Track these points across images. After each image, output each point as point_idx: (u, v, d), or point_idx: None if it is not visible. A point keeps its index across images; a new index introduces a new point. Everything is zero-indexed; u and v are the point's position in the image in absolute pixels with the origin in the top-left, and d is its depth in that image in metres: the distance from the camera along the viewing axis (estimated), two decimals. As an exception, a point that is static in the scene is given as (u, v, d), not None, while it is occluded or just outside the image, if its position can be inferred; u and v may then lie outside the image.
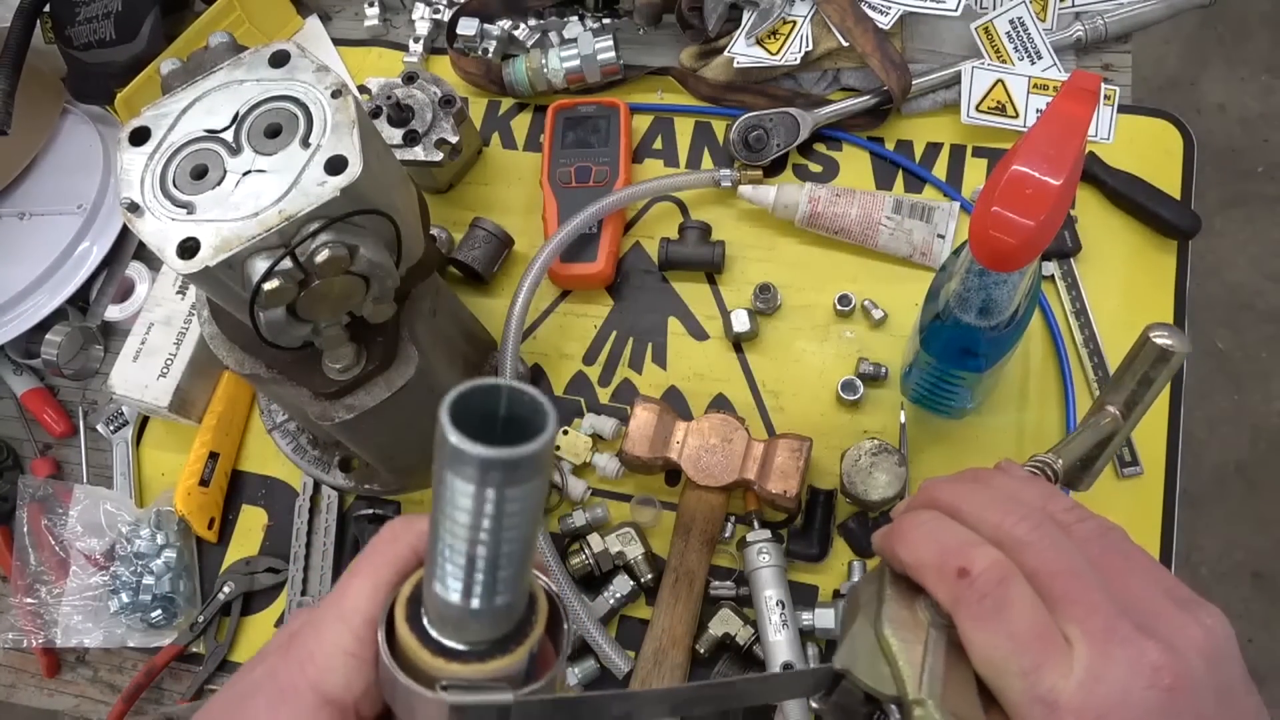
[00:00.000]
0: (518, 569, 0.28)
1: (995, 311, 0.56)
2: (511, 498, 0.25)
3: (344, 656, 0.30)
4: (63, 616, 0.79)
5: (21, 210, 0.91)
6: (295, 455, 0.78)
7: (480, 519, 0.25)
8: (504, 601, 0.28)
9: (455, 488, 0.25)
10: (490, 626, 0.29)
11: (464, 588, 0.27)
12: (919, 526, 0.34)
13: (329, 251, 0.48)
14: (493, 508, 0.25)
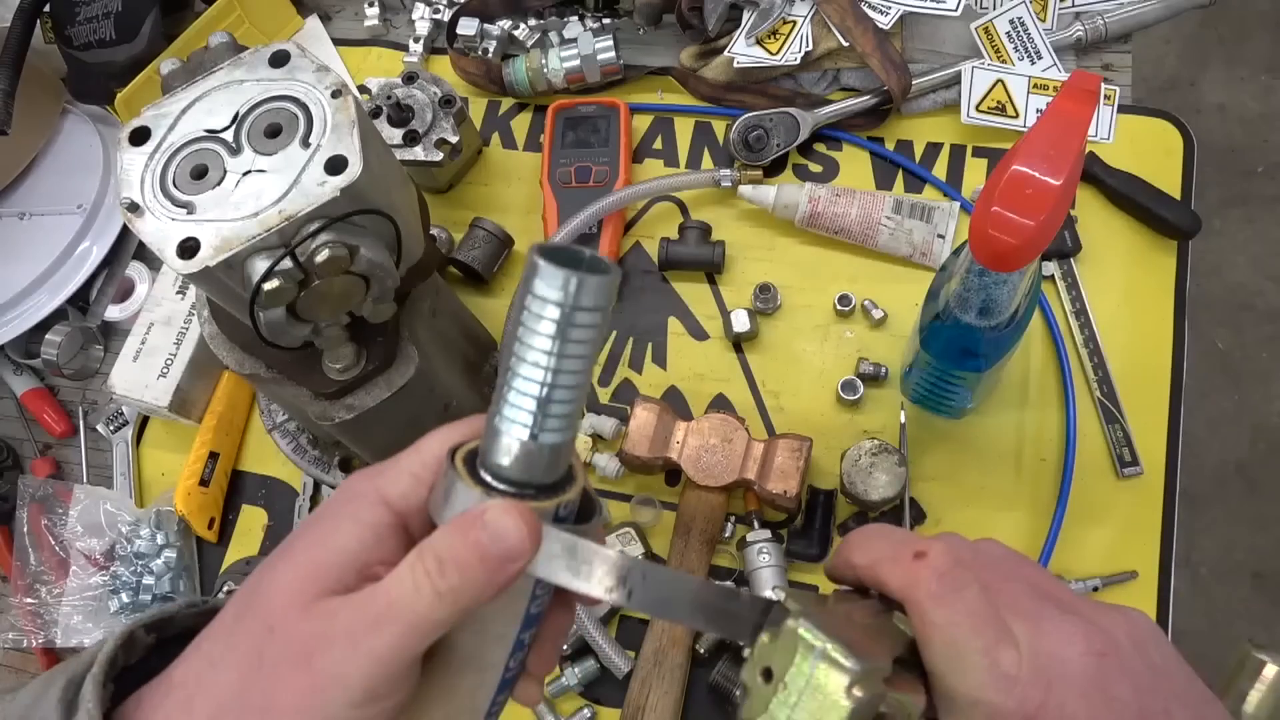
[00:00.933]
0: (573, 408, 0.31)
1: (995, 311, 0.56)
2: (581, 322, 0.29)
3: (409, 475, 0.34)
4: (63, 616, 0.79)
5: (21, 210, 0.91)
6: (295, 455, 0.78)
7: (554, 340, 0.30)
8: (556, 439, 0.31)
9: (536, 308, 0.29)
10: (540, 467, 0.32)
11: (529, 418, 0.30)
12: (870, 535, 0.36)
13: (329, 251, 0.48)
14: (566, 326, 0.29)
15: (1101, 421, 0.72)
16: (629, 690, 0.68)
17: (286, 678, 0.30)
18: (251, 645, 0.31)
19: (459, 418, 0.70)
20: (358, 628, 0.30)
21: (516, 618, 0.34)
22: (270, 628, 0.31)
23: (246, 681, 0.31)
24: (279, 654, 0.31)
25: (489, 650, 0.34)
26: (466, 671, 0.34)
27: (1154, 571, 0.68)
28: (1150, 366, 0.73)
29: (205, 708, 0.31)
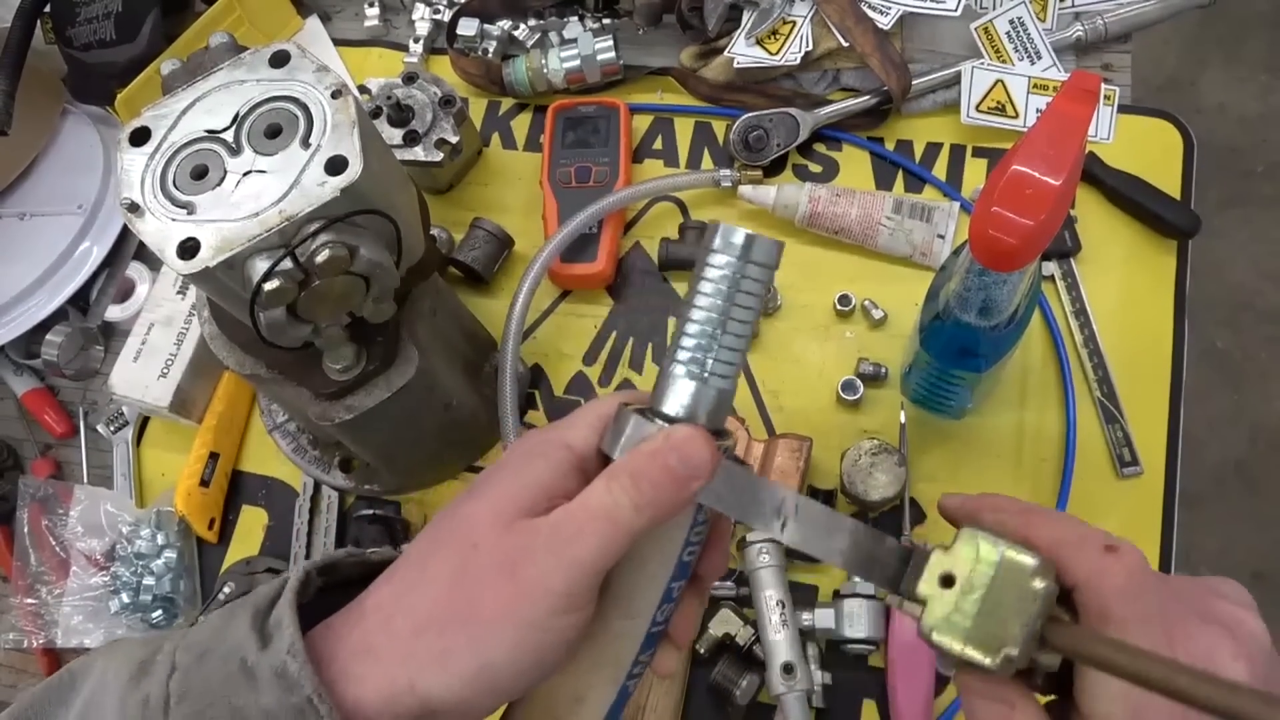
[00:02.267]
0: (738, 357, 0.36)
1: (995, 311, 0.56)
2: (751, 274, 0.35)
3: (585, 424, 0.37)
4: (63, 617, 0.79)
5: (21, 210, 0.91)
6: (295, 455, 0.78)
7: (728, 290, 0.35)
8: (723, 385, 0.36)
9: (715, 262, 0.35)
10: (707, 410, 0.35)
11: (700, 362, 0.35)
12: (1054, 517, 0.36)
13: (329, 251, 0.48)
14: (739, 278, 0.34)
15: (1101, 421, 0.72)
16: (629, 690, 0.68)
17: (492, 586, 0.33)
18: (454, 563, 0.34)
19: (459, 418, 0.70)
20: (560, 539, 0.33)
21: (671, 560, 0.37)
22: (474, 544, 0.34)
23: (451, 594, 0.33)
24: (483, 566, 0.33)
25: (642, 594, 0.37)
26: (618, 616, 0.36)
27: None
28: (1150, 366, 0.73)
29: (407, 624, 0.33)
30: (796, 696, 0.64)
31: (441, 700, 0.33)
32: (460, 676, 0.33)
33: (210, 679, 0.32)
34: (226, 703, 0.31)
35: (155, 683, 0.32)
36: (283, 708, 0.31)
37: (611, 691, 0.37)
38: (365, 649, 0.33)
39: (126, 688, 0.33)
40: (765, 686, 0.66)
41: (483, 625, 0.33)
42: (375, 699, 0.33)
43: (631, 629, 0.37)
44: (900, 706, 0.65)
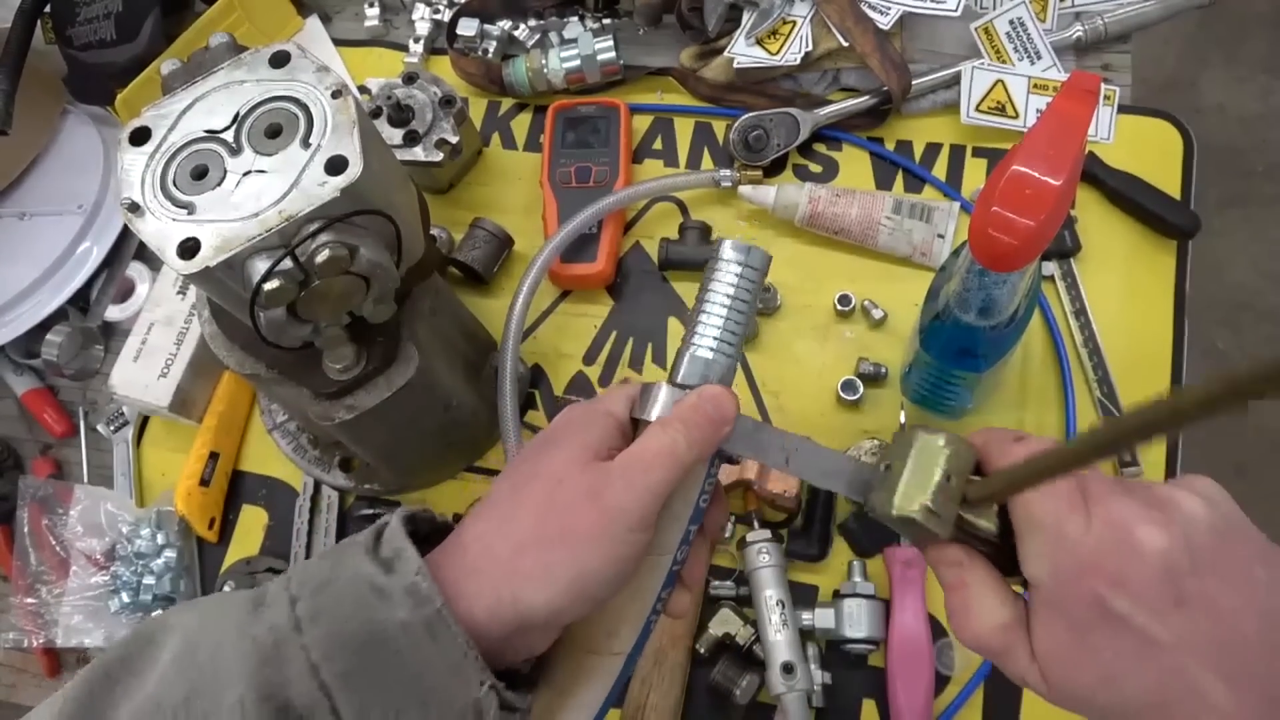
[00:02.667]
0: (740, 336, 0.45)
1: (995, 311, 0.56)
2: (747, 276, 0.45)
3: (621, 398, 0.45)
4: (63, 616, 0.79)
5: (22, 210, 0.91)
6: (295, 455, 0.78)
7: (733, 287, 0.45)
8: (727, 361, 0.44)
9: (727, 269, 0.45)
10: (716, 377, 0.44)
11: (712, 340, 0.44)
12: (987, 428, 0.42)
13: (329, 252, 0.48)
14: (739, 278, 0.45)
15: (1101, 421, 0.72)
16: (629, 690, 0.68)
17: (580, 511, 0.40)
18: (541, 496, 0.41)
19: (459, 418, 0.70)
20: (634, 471, 0.40)
21: (690, 504, 0.43)
22: (559, 480, 0.41)
23: (544, 520, 0.40)
24: (570, 496, 0.40)
25: (668, 533, 0.43)
26: (651, 554, 0.42)
27: (1154, 571, 0.68)
28: (1150, 366, 0.73)
29: (507, 546, 0.39)
30: (796, 696, 0.64)
31: (537, 610, 0.38)
32: (560, 585, 0.38)
33: (341, 601, 0.36)
34: (363, 619, 0.36)
35: (278, 612, 0.36)
36: (416, 619, 0.36)
37: (638, 624, 0.43)
38: (473, 570, 0.39)
39: (245, 619, 0.37)
40: (765, 686, 0.66)
41: (577, 541, 0.39)
42: (482, 612, 0.38)
43: (658, 565, 0.43)
44: (900, 706, 0.65)
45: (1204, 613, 0.34)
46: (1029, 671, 0.37)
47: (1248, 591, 0.35)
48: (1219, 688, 0.33)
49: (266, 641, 0.35)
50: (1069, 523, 0.36)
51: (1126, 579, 0.34)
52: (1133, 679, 0.34)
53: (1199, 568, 0.34)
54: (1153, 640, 0.34)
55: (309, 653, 0.35)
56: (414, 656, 0.36)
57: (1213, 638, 0.34)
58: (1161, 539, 0.34)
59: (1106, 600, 0.34)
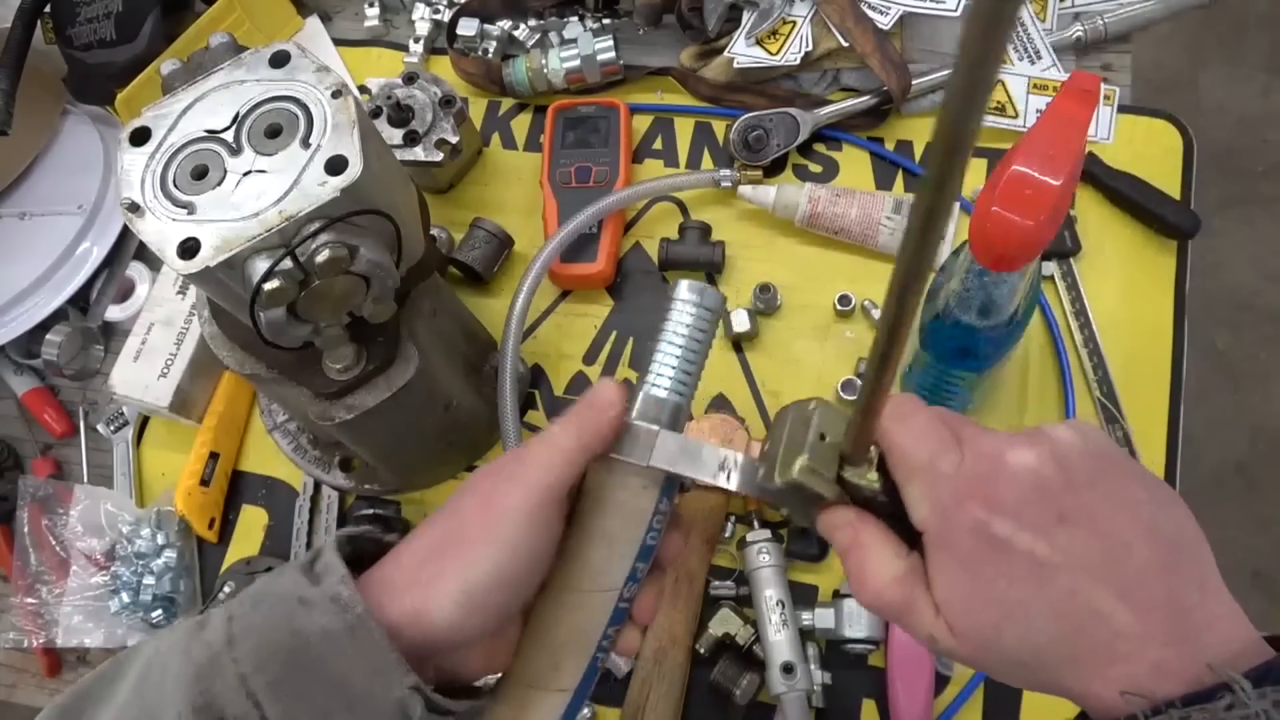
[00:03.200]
0: (694, 376, 0.44)
1: (995, 311, 0.56)
2: (702, 317, 0.44)
3: None
4: (63, 616, 0.79)
5: (22, 210, 0.91)
6: (295, 455, 0.78)
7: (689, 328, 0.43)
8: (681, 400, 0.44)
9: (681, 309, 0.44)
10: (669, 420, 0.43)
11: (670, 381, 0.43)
12: None
13: (329, 251, 0.48)
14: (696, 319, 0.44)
15: (1101, 421, 0.72)
16: (629, 690, 0.68)
17: (474, 516, 0.40)
18: (448, 508, 0.41)
19: (459, 418, 0.70)
20: (519, 469, 0.40)
21: (636, 540, 0.42)
22: (461, 490, 0.42)
23: (443, 531, 0.40)
24: (469, 504, 0.41)
25: (612, 569, 0.42)
26: (591, 589, 0.42)
27: (1154, 571, 0.68)
28: (1150, 366, 0.73)
29: (413, 559, 0.40)
30: (796, 696, 0.64)
31: (436, 625, 0.38)
32: (449, 595, 0.38)
33: (269, 615, 0.37)
34: (287, 629, 0.36)
35: (214, 631, 0.37)
36: (337, 624, 0.36)
37: (583, 661, 0.42)
38: (382, 583, 0.39)
39: (187, 642, 0.37)
40: (765, 686, 0.66)
41: (465, 548, 0.39)
42: (397, 618, 0.38)
43: (602, 601, 0.42)
44: (900, 707, 0.65)
45: (1089, 529, 0.34)
46: (935, 627, 0.36)
47: (1131, 509, 0.34)
48: (1120, 609, 0.33)
49: (202, 658, 0.36)
50: (942, 461, 0.36)
51: (1002, 500, 0.34)
52: (1032, 608, 0.34)
53: (1075, 485, 0.34)
54: (1042, 561, 0.34)
55: (239, 665, 0.36)
56: (338, 662, 0.36)
57: (1103, 556, 0.33)
58: (1031, 457, 0.35)
59: (988, 525, 0.34)
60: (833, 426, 0.39)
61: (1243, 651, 0.32)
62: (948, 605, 0.36)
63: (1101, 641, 0.33)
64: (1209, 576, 0.34)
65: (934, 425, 0.37)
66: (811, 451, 0.38)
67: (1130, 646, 0.33)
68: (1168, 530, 0.34)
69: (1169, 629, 0.33)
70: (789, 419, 0.40)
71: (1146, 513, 0.34)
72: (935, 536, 0.36)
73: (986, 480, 0.35)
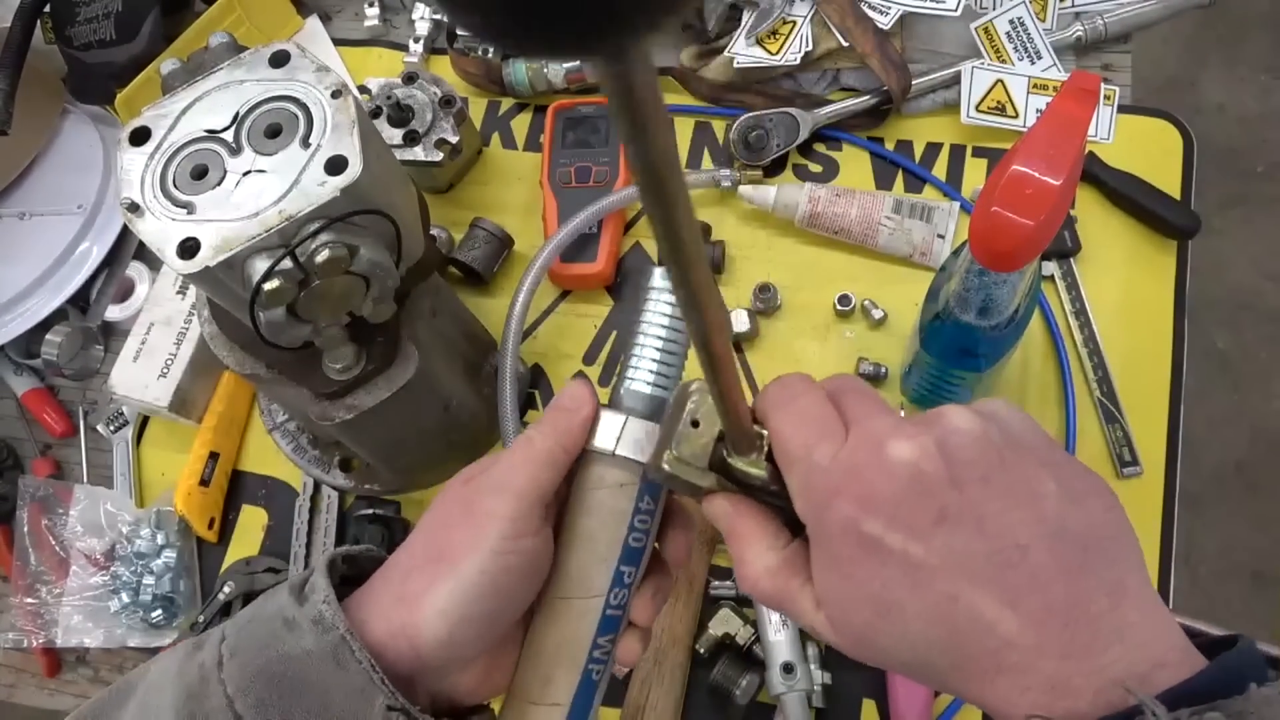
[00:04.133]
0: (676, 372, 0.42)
1: (995, 311, 0.56)
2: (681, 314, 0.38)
3: None
4: (63, 616, 0.79)
5: (21, 210, 0.91)
6: (295, 455, 0.78)
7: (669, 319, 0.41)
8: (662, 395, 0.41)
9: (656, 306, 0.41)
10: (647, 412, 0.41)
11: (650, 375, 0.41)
12: None
13: (329, 251, 0.48)
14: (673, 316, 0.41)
15: (1101, 421, 0.72)
16: (629, 690, 0.68)
17: (456, 527, 0.39)
18: (431, 517, 0.41)
19: (459, 418, 0.70)
20: (499, 476, 0.40)
21: (618, 541, 0.40)
22: (440, 503, 0.41)
23: (428, 539, 0.40)
24: (450, 515, 0.40)
25: (594, 574, 0.40)
26: (576, 596, 0.41)
27: (1154, 571, 0.68)
28: (1150, 366, 0.73)
29: (398, 573, 0.40)
30: (796, 696, 0.64)
31: (425, 640, 0.37)
32: (435, 607, 0.37)
33: (256, 636, 0.37)
34: (272, 650, 0.37)
35: (208, 652, 0.37)
36: (320, 645, 0.36)
37: (575, 673, 0.40)
38: (368, 600, 0.39)
39: (183, 663, 0.38)
40: (765, 686, 0.66)
41: (451, 559, 0.38)
42: (380, 640, 0.38)
43: (587, 608, 0.40)
44: (900, 706, 0.65)
45: (973, 528, 0.31)
46: (816, 619, 0.35)
47: (1031, 505, 0.31)
48: (1006, 616, 0.30)
49: (194, 679, 0.36)
50: (819, 450, 0.33)
51: (874, 497, 0.32)
52: (908, 611, 0.31)
53: (962, 480, 0.31)
54: (917, 563, 0.31)
55: (226, 686, 0.36)
56: (321, 683, 0.36)
57: (989, 558, 0.30)
58: (910, 450, 0.32)
59: (859, 524, 0.32)
60: (709, 412, 0.37)
61: (1163, 663, 0.29)
62: (825, 601, 0.34)
63: (986, 650, 0.30)
64: (1128, 578, 0.31)
65: (816, 409, 0.35)
66: (679, 442, 0.37)
67: (1019, 657, 0.30)
68: (1076, 528, 0.31)
69: (1067, 639, 0.29)
70: (671, 404, 0.38)
71: (1052, 508, 0.31)
72: (812, 531, 0.34)
73: (861, 474, 0.32)
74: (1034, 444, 0.33)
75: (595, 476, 0.41)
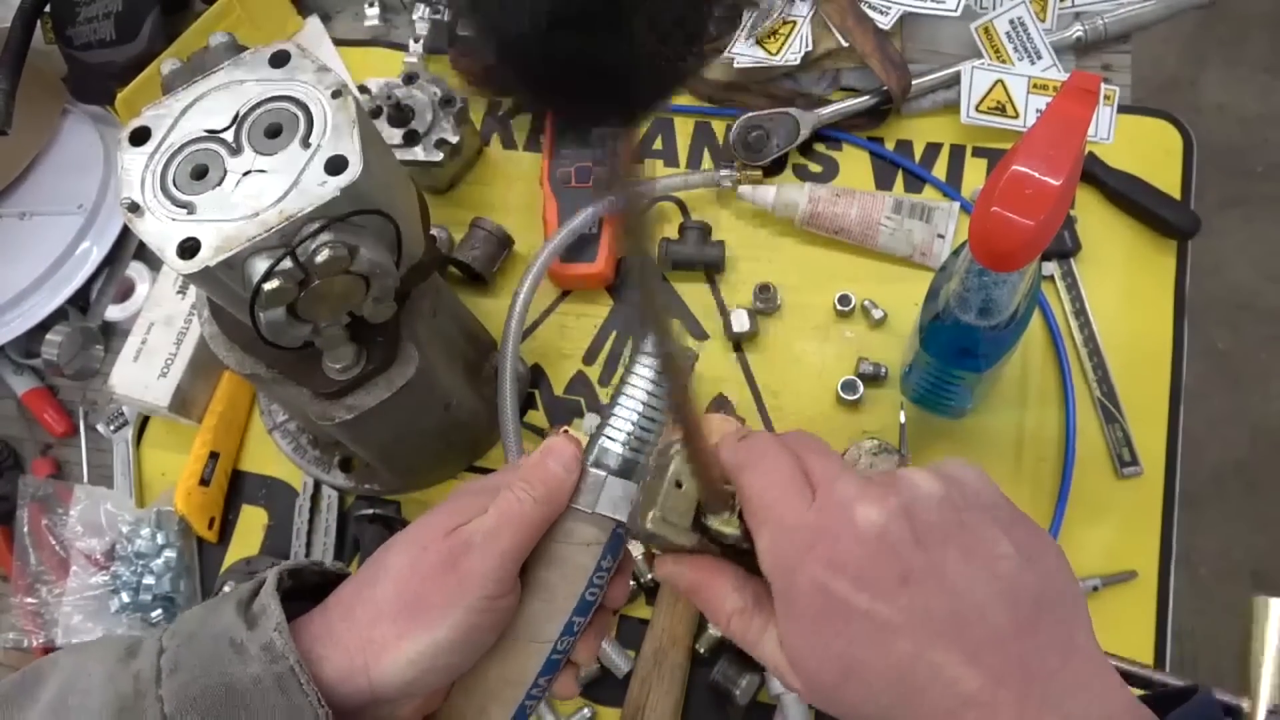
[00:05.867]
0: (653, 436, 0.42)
1: (995, 311, 0.56)
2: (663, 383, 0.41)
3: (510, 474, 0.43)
4: (63, 616, 0.79)
5: (21, 210, 0.91)
6: (296, 455, 0.78)
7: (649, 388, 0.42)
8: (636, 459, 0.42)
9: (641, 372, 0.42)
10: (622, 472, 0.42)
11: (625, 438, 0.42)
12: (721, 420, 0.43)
13: (329, 251, 0.48)
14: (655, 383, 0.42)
15: (1101, 421, 0.72)
16: (629, 690, 0.68)
17: (437, 579, 0.39)
18: (406, 563, 0.40)
19: (459, 418, 0.70)
20: (487, 536, 0.40)
21: (575, 595, 0.42)
22: (424, 547, 0.40)
23: (402, 587, 0.40)
24: (431, 564, 0.40)
25: (548, 622, 0.41)
26: (526, 639, 0.41)
27: (1153, 571, 0.68)
28: (1150, 366, 0.73)
29: (367, 614, 0.39)
30: (796, 696, 0.64)
31: (388, 683, 0.38)
32: (410, 656, 0.38)
33: (201, 654, 0.37)
34: (218, 672, 0.36)
35: (145, 662, 0.37)
36: (268, 675, 0.36)
37: (510, 709, 0.42)
38: (329, 635, 0.39)
39: (115, 668, 0.37)
40: (765, 686, 0.66)
41: (431, 610, 0.39)
42: (334, 674, 0.38)
43: (534, 651, 0.42)
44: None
45: (936, 588, 0.32)
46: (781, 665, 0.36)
47: (989, 565, 0.33)
48: (968, 674, 0.31)
49: (128, 691, 0.36)
50: (788, 511, 0.35)
51: (843, 559, 0.33)
52: (873, 669, 0.32)
53: (926, 542, 0.33)
54: (883, 624, 0.32)
55: (164, 704, 0.35)
56: (263, 712, 0.35)
57: (951, 617, 0.32)
58: (878, 514, 0.33)
59: (828, 585, 0.33)
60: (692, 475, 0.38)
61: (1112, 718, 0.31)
62: (791, 653, 0.35)
63: (947, 708, 0.31)
64: (1078, 636, 0.33)
65: (783, 470, 0.36)
66: (664, 503, 0.37)
67: (979, 714, 0.31)
68: (1030, 588, 0.33)
69: (1024, 696, 0.31)
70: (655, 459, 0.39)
71: (1007, 569, 0.33)
72: (779, 590, 0.35)
73: (830, 536, 0.34)
74: (991, 504, 0.35)
75: (564, 530, 0.42)
